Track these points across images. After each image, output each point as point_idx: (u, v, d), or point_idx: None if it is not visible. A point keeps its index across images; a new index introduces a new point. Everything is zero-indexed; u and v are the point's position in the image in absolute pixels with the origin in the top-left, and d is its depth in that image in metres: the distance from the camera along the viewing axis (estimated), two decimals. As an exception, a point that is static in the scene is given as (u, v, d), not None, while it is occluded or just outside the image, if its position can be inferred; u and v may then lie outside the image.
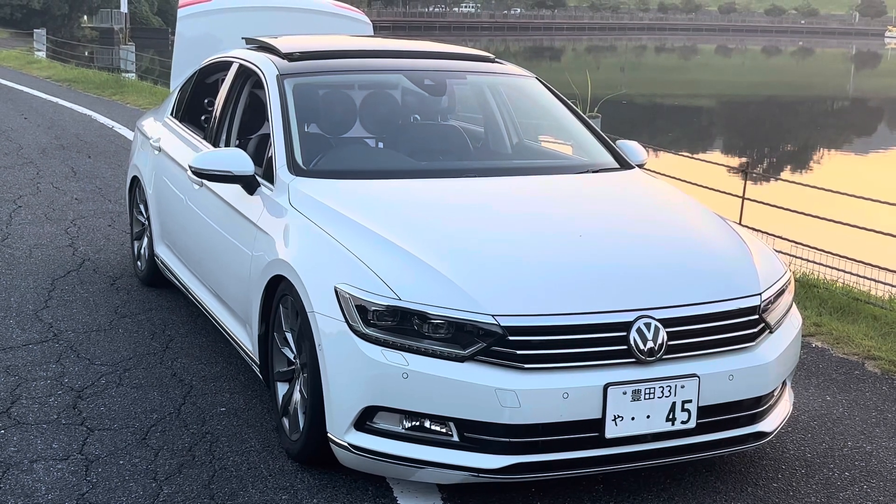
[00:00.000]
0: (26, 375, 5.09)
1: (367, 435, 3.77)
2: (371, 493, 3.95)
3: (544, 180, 4.98)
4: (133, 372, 5.18)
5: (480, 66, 5.83)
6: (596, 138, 5.47)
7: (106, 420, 4.58)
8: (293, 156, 4.76)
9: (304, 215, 4.36)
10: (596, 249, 4.14)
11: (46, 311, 6.12)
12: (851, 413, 5.00)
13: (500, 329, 3.62)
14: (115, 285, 6.73)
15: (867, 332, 6.28)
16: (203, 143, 5.79)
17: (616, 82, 43.19)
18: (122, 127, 14.81)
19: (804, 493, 4.11)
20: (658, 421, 3.72)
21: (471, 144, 5.58)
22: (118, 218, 8.68)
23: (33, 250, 7.53)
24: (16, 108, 17.06)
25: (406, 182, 4.72)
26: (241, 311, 4.80)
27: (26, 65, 28.09)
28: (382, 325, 3.71)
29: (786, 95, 50.12)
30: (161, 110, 6.99)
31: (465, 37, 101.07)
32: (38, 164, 11.37)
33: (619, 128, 14.24)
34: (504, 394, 3.57)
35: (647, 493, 4.03)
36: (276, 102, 5.03)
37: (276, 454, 4.28)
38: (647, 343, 3.71)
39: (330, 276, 3.91)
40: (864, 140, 34.02)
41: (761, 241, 4.68)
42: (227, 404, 4.81)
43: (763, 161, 27.23)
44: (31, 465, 4.12)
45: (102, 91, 20.51)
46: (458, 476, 3.70)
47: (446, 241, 4.05)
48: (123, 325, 5.91)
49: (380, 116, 5.72)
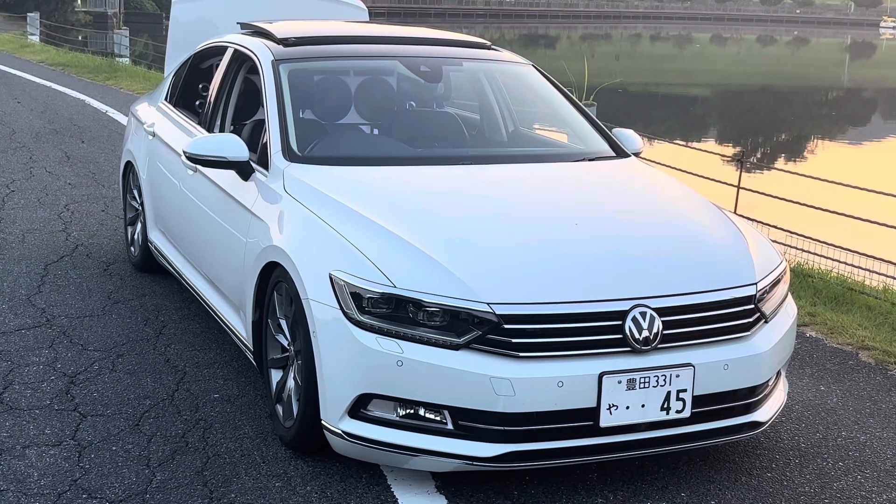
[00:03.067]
0: (19, 360, 5.07)
1: (361, 422, 3.77)
2: (365, 480, 3.94)
3: (540, 168, 4.97)
4: (126, 358, 5.16)
5: (477, 53, 5.81)
6: (592, 126, 5.46)
7: (99, 406, 4.57)
8: (288, 142, 4.73)
9: (298, 202, 4.34)
10: (591, 238, 4.13)
11: (39, 297, 6.10)
12: (845, 403, 5.00)
13: (495, 317, 3.61)
14: (108, 271, 6.71)
15: (861, 322, 6.29)
16: (197, 129, 5.76)
17: (611, 70, 43.14)
18: (115, 112, 14.75)
19: (798, 482, 4.11)
20: (653, 410, 3.71)
21: (466, 132, 5.56)
22: (112, 203, 8.65)
23: (26, 235, 7.50)
24: (9, 92, 16.98)
25: (401, 169, 4.70)
26: (235, 297, 4.78)
27: (19, 48, 27.95)
28: (377, 312, 3.70)
29: (781, 85, 50.08)
30: (155, 95, 6.95)
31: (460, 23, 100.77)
32: (32, 148, 11.32)
33: (615, 116, 14.22)
34: (499, 382, 3.56)
35: (641, 482, 4.03)
36: (271, 88, 5.00)
37: (270, 441, 4.27)
38: (643, 332, 3.71)
39: (324, 262, 3.90)
40: (859, 130, 34.02)
41: (757, 231, 4.68)
42: (220, 391, 4.79)
43: (758, 150, 27.22)
44: (24, 451, 4.10)
45: (96, 75, 20.42)
46: (452, 464, 3.69)
47: (442, 228, 4.04)
48: (117, 311, 5.89)
49: (375, 103, 5.70)
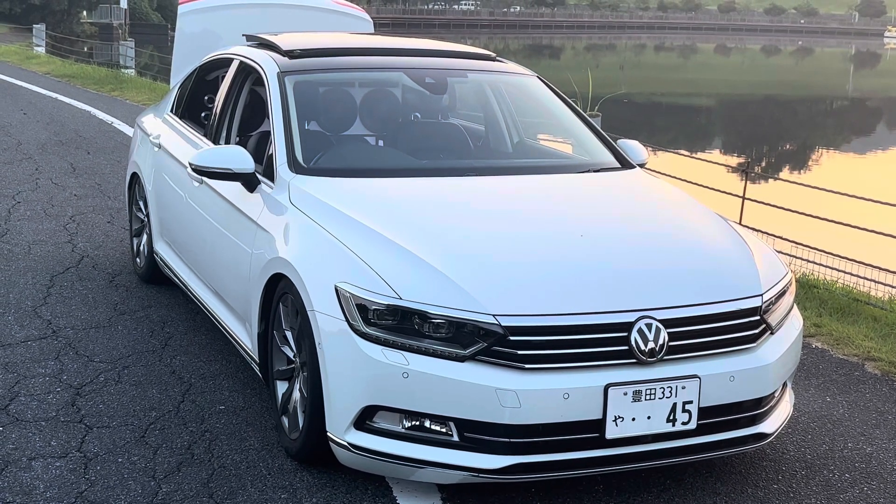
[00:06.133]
0: (25, 372, 5.08)
1: (367, 434, 3.76)
2: (370, 492, 3.94)
3: (545, 179, 4.97)
4: (132, 369, 5.16)
5: (482, 65, 5.82)
6: (597, 137, 5.46)
7: (105, 417, 4.57)
8: (294, 153, 4.74)
9: (304, 213, 4.35)
10: (597, 249, 4.13)
11: (45, 308, 6.11)
12: (851, 414, 4.99)
13: (500, 329, 3.61)
14: (114, 282, 6.72)
15: (867, 334, 6.27)
16: (203, 141, 5.77)
17: (615, 81, 43.17)
18: (121, 123, 14.79)
19: (804, 494, 4.10)
20: (659, 422, 3.71)
21: (471, 143, 5.57)
22: (117, 214, 8.66)
23: (32, 246, 7.51)
24: (15, 103, 17.04)
25: (406, 181, 4.71)
26: (241, 309, 4.78)
27: (25, 60, 28.06)
28: (383, 324, 3.70)
29: (785, 95, 50.10)
30: (161, 107, 6.97)
31: (465, 34, 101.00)
32: (37, 159, 11.35)
33: (619, 127, 14.23)
34: (504, 394, 3.56)
35: (647, 494, 4.02)
36: (276, 100, 5.01)
37: (276, 453, 4.27)
38: (648, 343, 3.70)
39: (330, 274, 3.90)
40: (863, 140, 34.02)
41: (762, 242, 4.67)
42: (226, 402, 4.79)
43: (762, 160, 27.21)
44: (30, 463, 4.11)
45: (102, 87, 20.49)
46: (458, 476, 3.69)
47: (447, 240, 4.04)
48: (122, 322, 5.90)
49: (380, 114, 5.71)
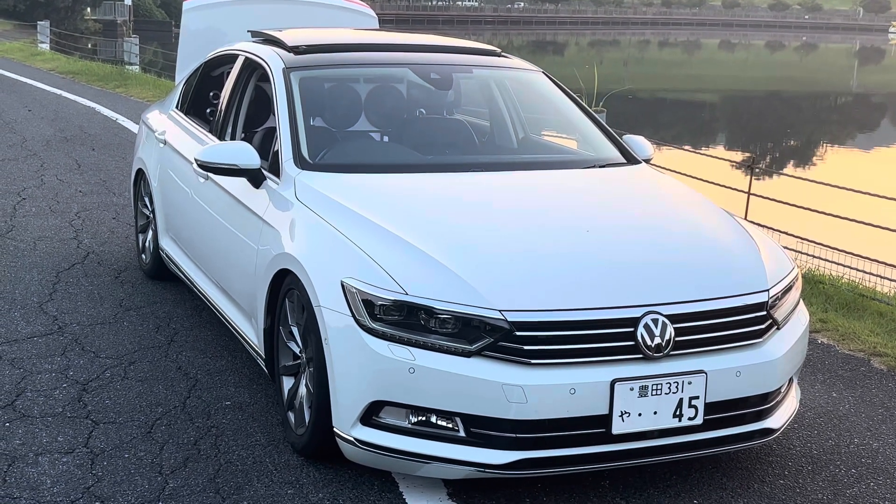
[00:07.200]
0: (31, 368, 5.09)
1: (373, 430, 3.77)
2: (377, 487, 3.95)
3: (551, 175, 4.97)
4: (138, 365, 5.17)
5: (487, 61, 5.82)
6: (602, 133, 5.46)
7: (111, 413, 4.58)
8: (299, 149, 4.75)
9: (310, 209, 4.35)
10: (603, 245, 4.13)
11: (51, 304, 6.12)
12: (857, 410, 4.99)
13: (506, 324, 3.61)
14: (119, 278, 6.72)
15: (873, 329, 6.27)
16: (209, 137, 5.78)
17: (620, 77, 43.13)
18: (126, 119, 14.80)
19: (810, 489, 4.10)
20: (665, 417, 3.71)
21: (476, 139, 5.57)
22: (123, 211, 8.67)
23: (38, 243, 7.52)
24: (20, 100, 17.05)
25: (412, 176, 4.71)
26: (247, 304, 4.79)
27: (30, 56, 28.08)
28: (389, 319, 3.70)
29: (789, 91, 50.02)
30: (166, 103, 6.98)
31: (469, 30, 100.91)
32: (43, 156, 11.36)
33: (624, 122, 14.22)
34: (511, 389, 3.56)
35: (653, 489, 4.02)
36: (282, 96, 5.01)
37: (282, 448, 4.27)
38: (655, 339, 3.70)
39: (336, 270, 3.90)
40: (868, 135, 33.97)
41: (768, 237, 4.67)
42: (232, 398, 4.80)
43: (767, 156, 27.19)
44: (37, 458, 4.12)
45: (106, 83, 20.49)
46: (464, 471, 3.69)
47: (453, 235, 4.05)
48: (128, 318, 5.91)
49: (385, 110, 5.71)
